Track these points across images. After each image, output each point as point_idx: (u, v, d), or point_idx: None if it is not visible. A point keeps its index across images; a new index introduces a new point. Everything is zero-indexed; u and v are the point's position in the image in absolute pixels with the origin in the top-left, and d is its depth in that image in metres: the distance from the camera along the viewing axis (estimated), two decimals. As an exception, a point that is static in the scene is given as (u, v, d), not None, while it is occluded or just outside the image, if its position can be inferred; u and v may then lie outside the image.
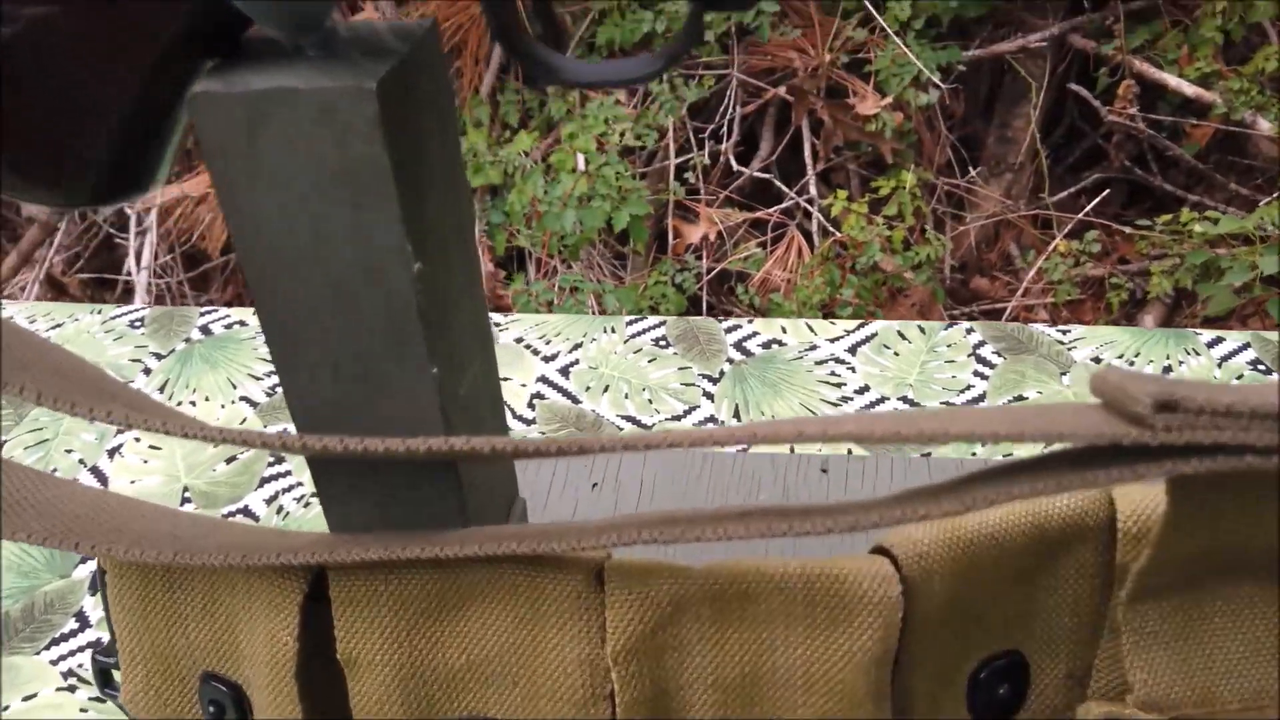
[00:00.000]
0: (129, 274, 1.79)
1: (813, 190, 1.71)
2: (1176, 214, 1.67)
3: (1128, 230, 1.77)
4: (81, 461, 0.61)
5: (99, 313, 0.73)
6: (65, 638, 0.51)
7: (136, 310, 0.73)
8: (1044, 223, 1.93)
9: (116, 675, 0.36)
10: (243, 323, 0.71)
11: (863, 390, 0.61)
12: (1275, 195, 1.67)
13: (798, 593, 0.29)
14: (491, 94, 1.83)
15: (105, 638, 0.50)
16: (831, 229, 1.64)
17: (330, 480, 0.30)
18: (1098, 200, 1.79)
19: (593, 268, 1.74)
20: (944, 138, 1.80)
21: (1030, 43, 1.83)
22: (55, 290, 1.89)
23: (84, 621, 0.52)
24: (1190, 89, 1.76)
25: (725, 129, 1.78)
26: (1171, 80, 1.77)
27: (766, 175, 1.77)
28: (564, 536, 0.28)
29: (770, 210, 1.72)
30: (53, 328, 0.72)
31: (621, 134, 1.67)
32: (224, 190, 0.24)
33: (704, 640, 0.30)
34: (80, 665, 0.50)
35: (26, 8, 0.22)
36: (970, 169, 1.86)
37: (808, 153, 1.75)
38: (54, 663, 0.50)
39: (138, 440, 0.62)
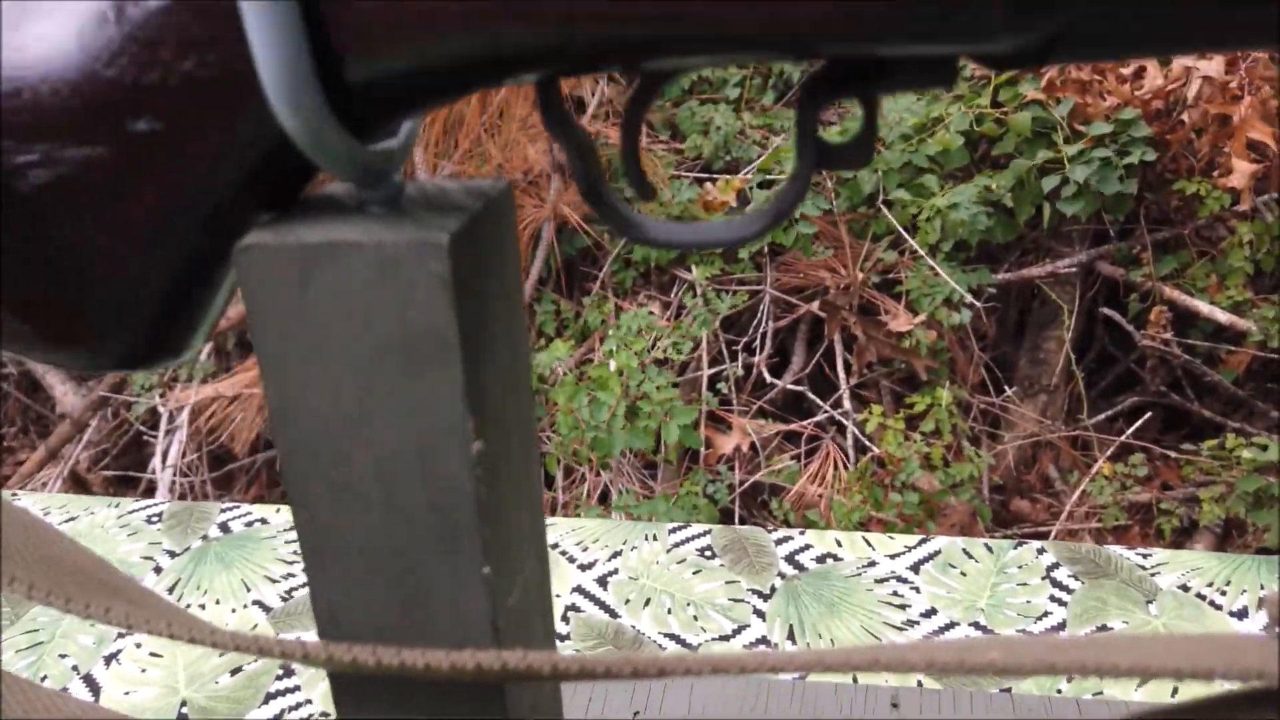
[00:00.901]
0: (153, 472, 1.77)
1: (847, 404, 1.69)
2: (1222, 439, 1.63)
3: (1172, 455, 1.73)
4: (75, 668, 0.56)
5: (116, 506, 0.70)
6: None
7: (155, 505, 0.70)
8: (1082, 445, 1.89)
9: None
10: (264, 520, 0.67)
11: (929, 613, 0.56)
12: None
13: None
14: (528, 304, 1.86)
15: None
16: (867, 443, 1.61)
17: (352, 699, 0.25)
18: (1139, 423, 1.75)
19: (623, 475, 1.70)
20: (976, 357, 1.80)
21: (1059, 269, 1.86)
22: (78, 486, 1.87)
23: None
24: (1224, 316, 1.76)
25: (758, 341, 1.79)
26: (1204, 307, 1.78)
27: (799, 388, 1.76)
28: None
29: (805, 423, 1.70)
30: (66, 520, 0.69)
31: (652, 344, 1.68)
32: (266, 355, 0.22)
33: None
34: None
35: (68, 149, 0.20)
36: (1006, 388, 1.84)
37: (840, 367, 1.74)
38: None
39: (138, 647, 0.57)
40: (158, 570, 0.63)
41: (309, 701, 0.53)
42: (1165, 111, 1.74)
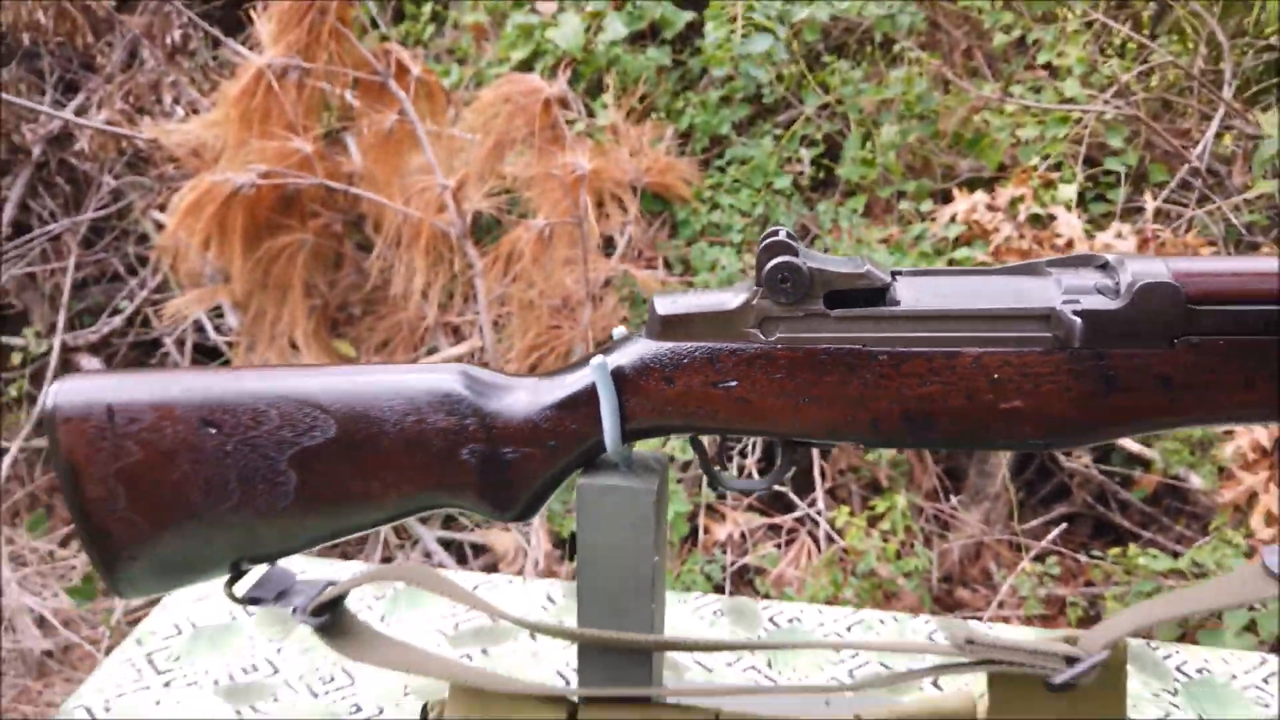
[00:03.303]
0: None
1: (820, 504, 2.06)
2: (1125, 549, 2.00)
3: (1082, 559, 2.09)
4: None
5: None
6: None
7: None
8: (1022, 546, 2.25)
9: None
10: None
11: (854, 656, 0.92)
12: (1207, 539, 2.00)
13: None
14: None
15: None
16: (835, 537, 1.97)
17: (590, 659, 0.62)
18: (1060, 530, 2.12)
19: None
20: (931, 468, 2.17)
21: (1001, 396, 2.24)
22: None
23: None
24: (1134, 445, 2.14)
25: (750, 448, 2.16)
26: (1117, 436, 2.16)
27: (783, 489, 2.13)
28: (698, 694, 0.59)
29: (785, 517, 2.06)
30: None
31: (664, 443, 2.04)
32: (583, 530, 0.58)
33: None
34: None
35: (522, 449, 0.57)
36: (954, 496, 2.21)
37: (817, 472, 2.11)
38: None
39: None
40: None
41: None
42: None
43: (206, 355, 2.44)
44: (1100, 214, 2.44)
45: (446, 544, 2.13)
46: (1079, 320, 0.51)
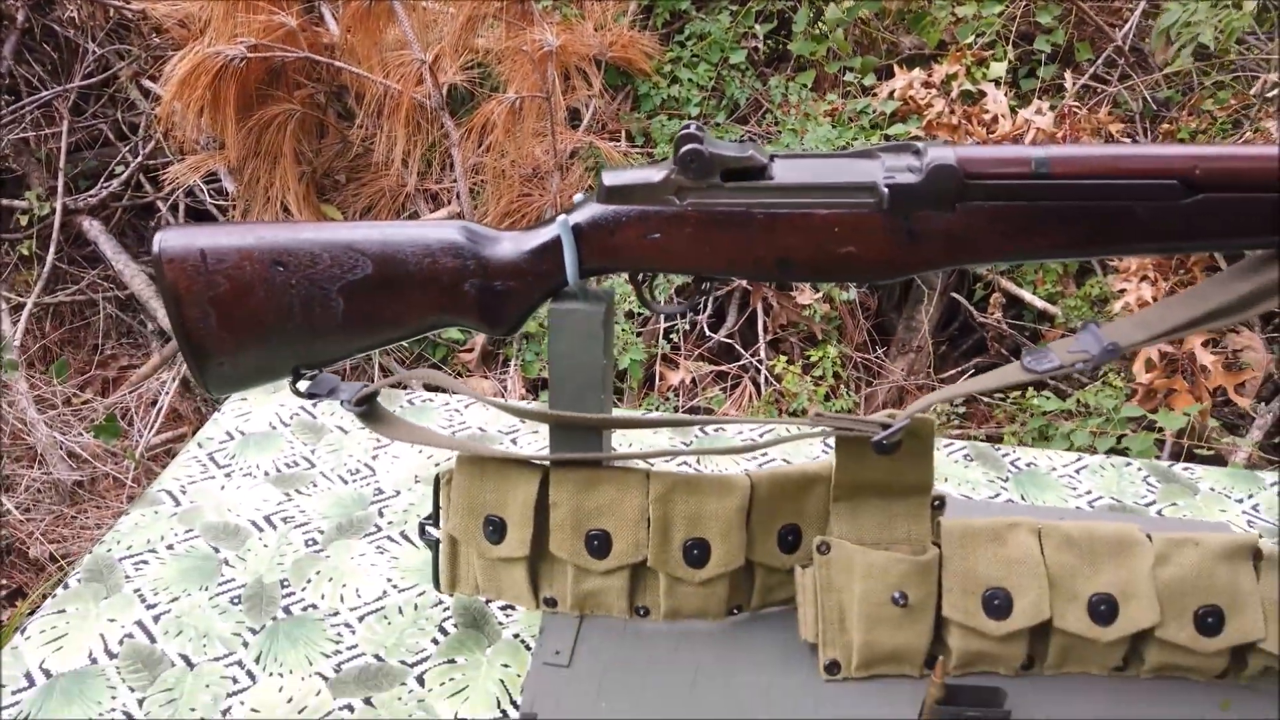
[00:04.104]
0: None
1: (762, 354, 2.32)
2: (1024, 392, 2.29)
3: (985, 400, 2.38)
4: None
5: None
6: (369, 535, 1.05)
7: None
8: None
9: (428, 531, 0.90)
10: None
11: (764, 454, 1.18)
12: (1089, 384, 2.29)
13: (715, 483, 0.86)
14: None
15: (406, 528, 1.04)
16: (774, 382, 2.24)
17: (559, 436, 0.86)
18: (969, 374, 2.40)
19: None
20: (862, 323, 2.43)
21: (929, 259, 2.48)
22: (187, 388, 2.41)
23: (377, 528, 1.06)
24: (1040, 304, 2.41)
25: (702, 304, 2.40)
26: (1027, 296, 2.43)
27: (730, 341, 2.38)
28: (636, 458, 0.84)
29: (731, 365, 2.32)
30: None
31: (627, 300, 2.28)
32: (552, 342, 0.82)
33: (682, 500, 0.86)
34: (377, 547, 1.04)
35: (504, 283, 0.80)
36: (880, 349, 2.48)
37: (760, 327, 2.37)
38: (369, 542, 1.04)
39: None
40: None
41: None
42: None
43: (200, 219, 2.61)
44: (1030, 89, 2.64)
45: (433, 389, 2.37)
46: (888, 190, 0.74)
